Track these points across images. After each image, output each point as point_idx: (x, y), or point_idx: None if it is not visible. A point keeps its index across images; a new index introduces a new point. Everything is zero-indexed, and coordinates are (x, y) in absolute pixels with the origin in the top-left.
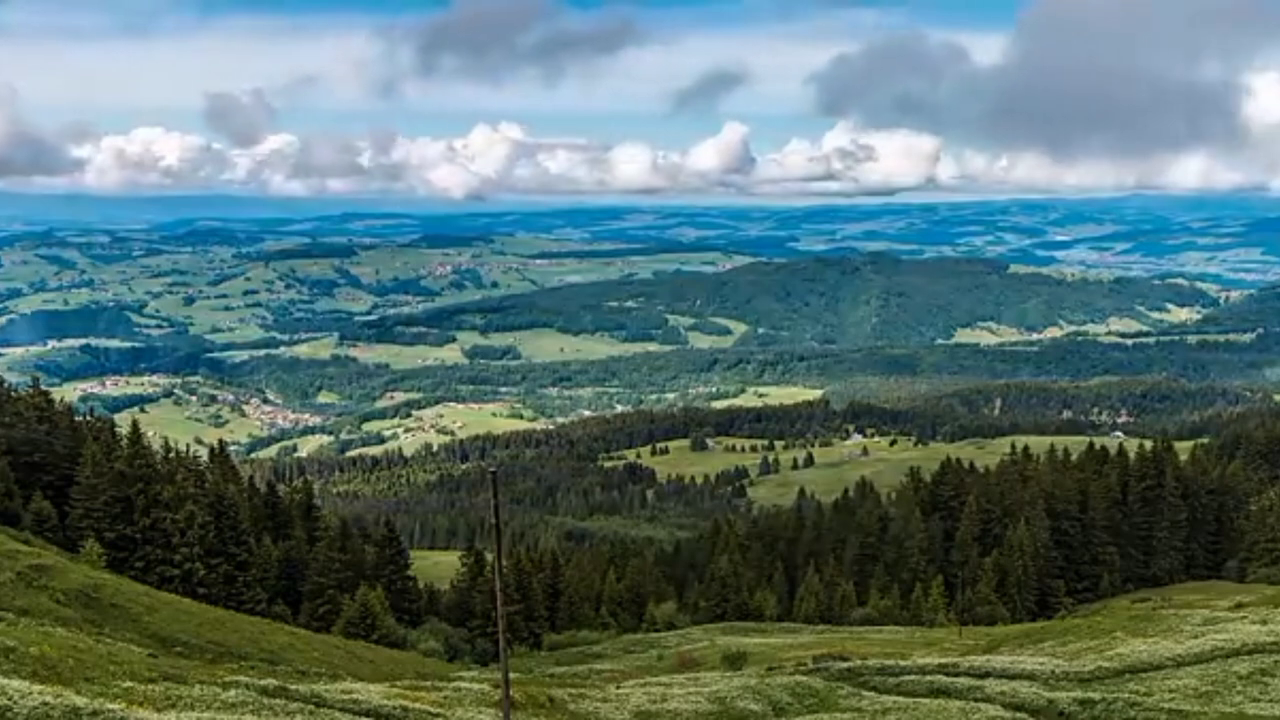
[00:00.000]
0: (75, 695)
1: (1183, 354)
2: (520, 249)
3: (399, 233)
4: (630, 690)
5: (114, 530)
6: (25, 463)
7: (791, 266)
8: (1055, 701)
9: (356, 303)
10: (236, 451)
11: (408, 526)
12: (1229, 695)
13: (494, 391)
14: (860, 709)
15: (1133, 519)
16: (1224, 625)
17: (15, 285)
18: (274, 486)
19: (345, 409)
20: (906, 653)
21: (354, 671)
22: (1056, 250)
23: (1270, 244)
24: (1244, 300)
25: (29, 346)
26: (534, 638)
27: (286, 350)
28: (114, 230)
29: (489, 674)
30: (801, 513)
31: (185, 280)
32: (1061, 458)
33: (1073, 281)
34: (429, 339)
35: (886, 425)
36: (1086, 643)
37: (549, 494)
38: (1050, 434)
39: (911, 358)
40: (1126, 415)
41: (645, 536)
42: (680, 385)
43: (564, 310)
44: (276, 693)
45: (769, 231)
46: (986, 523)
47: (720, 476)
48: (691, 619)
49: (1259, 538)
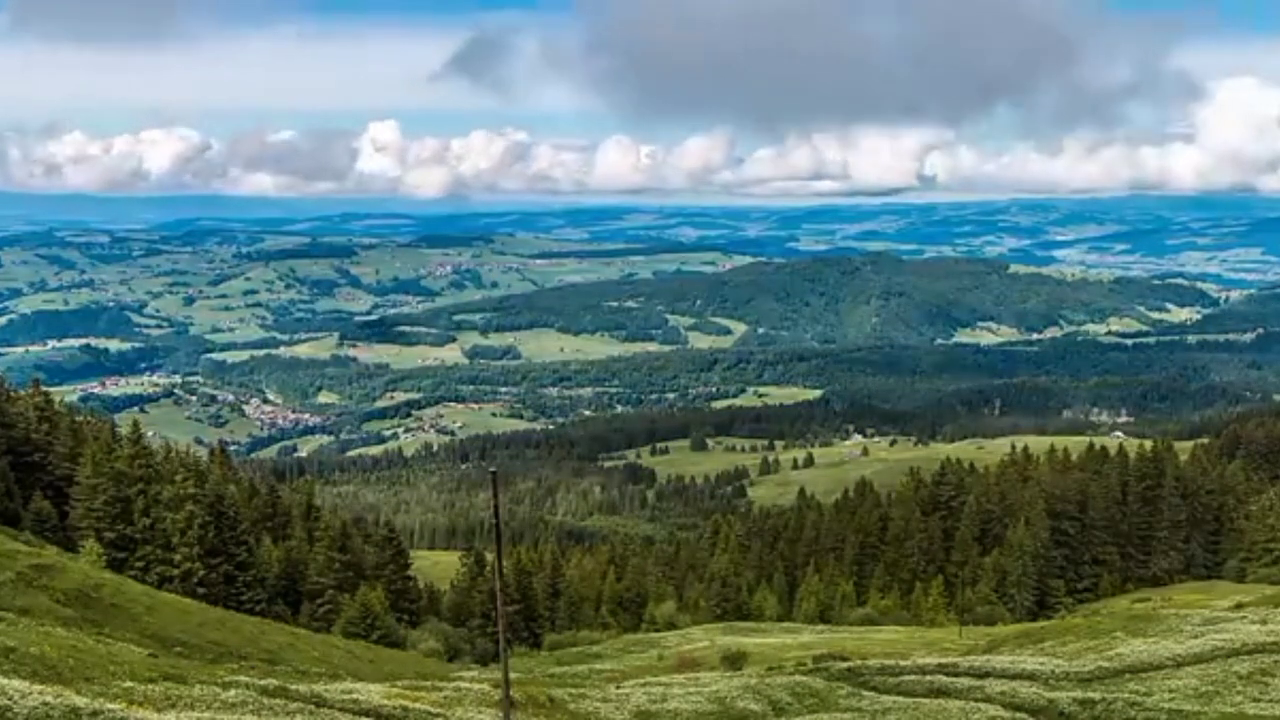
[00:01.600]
0: (75, 695)
1: (1183, 354)
2: (520, 249)
3: (399, 233)
4: (630, 690)
5: (114, 530)
6: (25, 463)
7: (791, 266)
8: (1055, 701)
9: (356, 303)
10: (236, 451)
11: (408, 526)
12: (1229, 695)
13: (494, 391)
14: (860, 709)
15: (1132, 519)
16: (1224, 625)
17: (15, 285)
18: (274, 486)
19: (345, 409)
20: (906, 653)
21: (354, 671)
22: (1056, 250)
23: (1270, 244)
24: (1244, 300)
25: (29, 346)
26: (534, 638)
27: (286, 350)
28: (114, 230)
29: (489, 674)
30: (801, 513)
31: (185, 280)
32: (1061, 458)
33: (1073, 281)
34: (429, 339)
35: (886, 425)
36: (1086, 643)
37: (549, 494)
38: (1050, 434)
39: (911, 358)
40: (1126, 415)
41: (645, 536)
42: (680, 385)
43: (564, 310)
44: (276, 693)
45: (769, 231)
46: (986, 523)
47: (720, 476)
48: (691, 619)
49: (1259, 538)
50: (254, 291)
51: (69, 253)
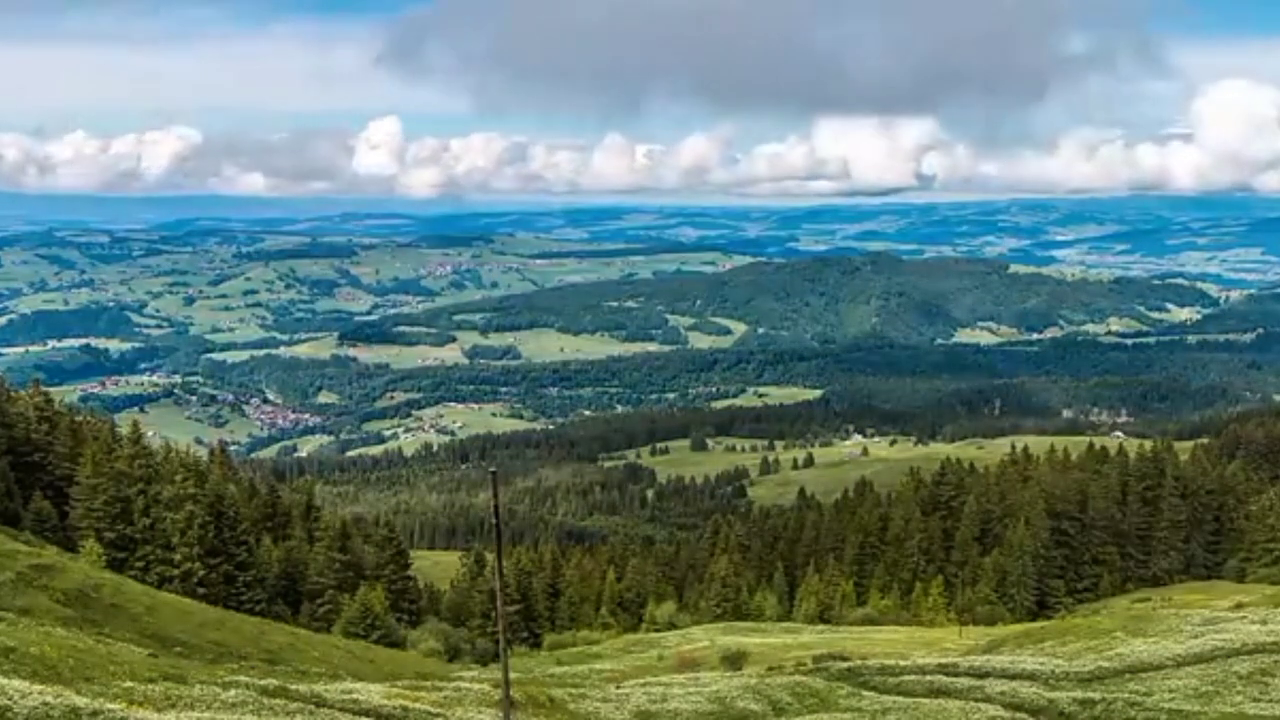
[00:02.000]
0: (75, 695)
1: (1183, 354)
2: (520, 249)
3: (399, 233)
4: (630, 690)
5: (114, 530)
6: (25, 463)
7: (791, 266)
8: (1055, 701)
9: (356, 303)
10: (236, 451)
11: (408, 526)
12: (1229, 695)
13: (494, 391)
14: (860, 709)
15: (1132, 519)
16: (1224, 625)
17: (15, 285)
18: (274, 486)
19: (345, 409)
20: (906, 653)
21: (354, 671)
22: (1056, 250)
23: (1270, 244)
24: (1244, 300)
25: (29, 346)
26: (534, 638)
27: (286, 350)
28: (114, 230)
29: (489, 674)
30: (801, 513)
31: (185, 280)
32: (1061, 458)
33: (1073, 281)
34: (429, 339)
35: (886, 425)
36: (1086, 643)
37: (549, 494)
38: (1050, 434)
39: (911, 358)
40: (1126, 415)
41: (645, 536)
42: (680, 385)
43: (564, 310)
44: (276, 693)
45: (769, 231)
46: (986, 522)
47: (720, 476)
48: (691, 619)
49: (1259, 538)
50: (254, 291)
51: (69, 253)
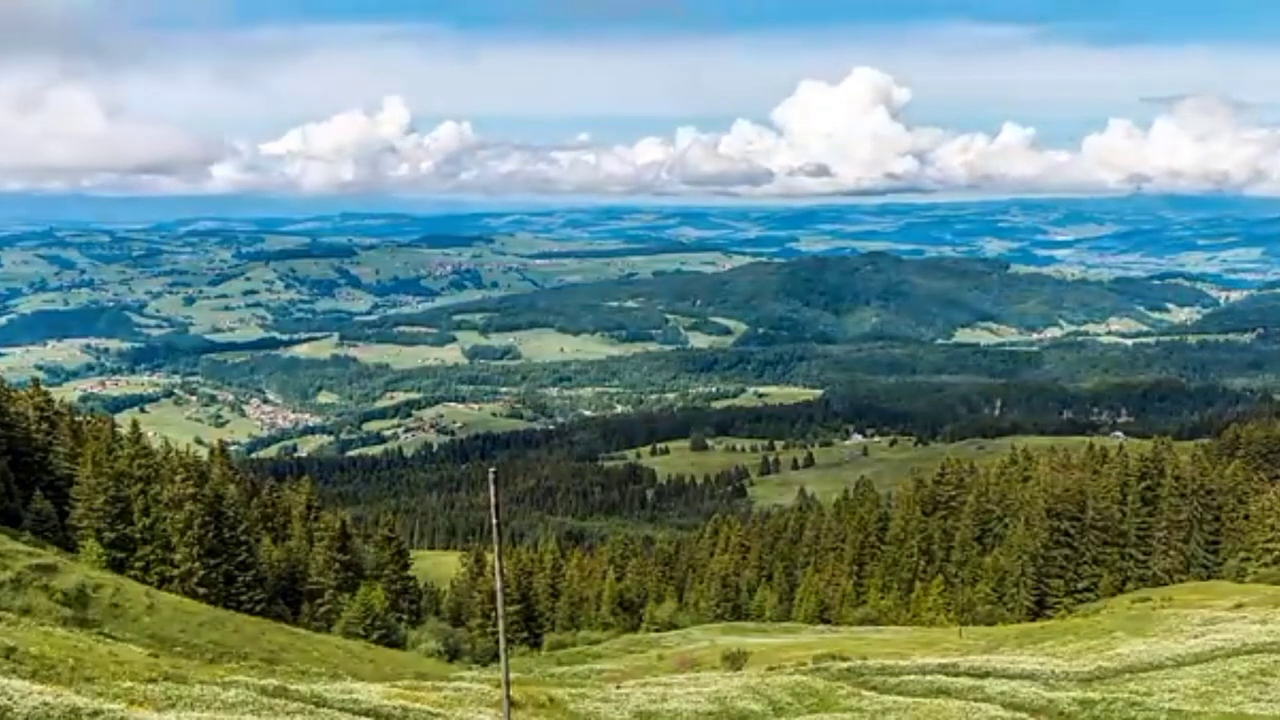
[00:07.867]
0: (75, 695)
1: (1183, 354)
2: (520, 249)
3: (399, 233)
4: (630, 690)
5: (114, 530)
6: (25, 463)
7: (791, 266)
8: (1055, 701)
9: (356, 303)
10: (236, 451)
11: (408, 526)
12: (1229, 695)
13: (494, 391)
14: (860, 709)
15: (1132, 519)
16: (1224, 625)
17: (15, 285)
18: (274, 486)
19: (345, 409)
20: (906, 653)
21: (354, 671)
22: (1056, 250)
23: (1270, 244)
24: (1244, 300)
25: (29, 347)
26: (534, 638)
27: (286, 350)
28: (114, 230)
29: (489, 674)
30: (801, 513)
31: (185, 280)
32: (1061, 458)
33: (1073, 281)
34: (429, 339)
35: (886, 425)
36: (1086, 643)
37: (549, 494)
38: (1050, 434)
39: (911, 358)
40: (1126, 415)
41: (645, 536)
42: (680, 385)
43: (564, 310)
44: (276, 693)
45: (769, 231)
46: (986, 523)
47: (720, 476)
48: (691, 619)
49: (1259, 538)
50: (254, 291)
51: (69, 253)
